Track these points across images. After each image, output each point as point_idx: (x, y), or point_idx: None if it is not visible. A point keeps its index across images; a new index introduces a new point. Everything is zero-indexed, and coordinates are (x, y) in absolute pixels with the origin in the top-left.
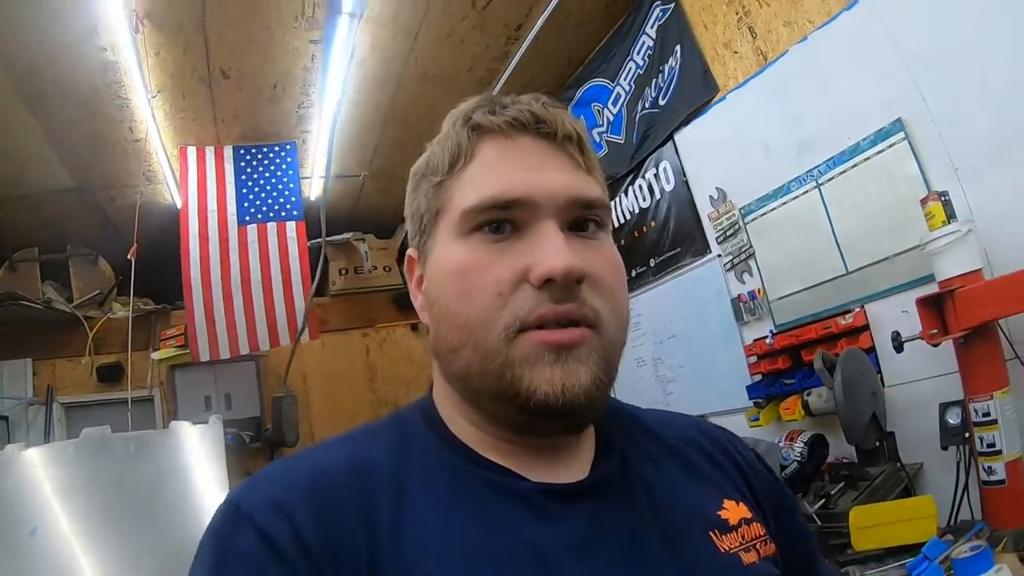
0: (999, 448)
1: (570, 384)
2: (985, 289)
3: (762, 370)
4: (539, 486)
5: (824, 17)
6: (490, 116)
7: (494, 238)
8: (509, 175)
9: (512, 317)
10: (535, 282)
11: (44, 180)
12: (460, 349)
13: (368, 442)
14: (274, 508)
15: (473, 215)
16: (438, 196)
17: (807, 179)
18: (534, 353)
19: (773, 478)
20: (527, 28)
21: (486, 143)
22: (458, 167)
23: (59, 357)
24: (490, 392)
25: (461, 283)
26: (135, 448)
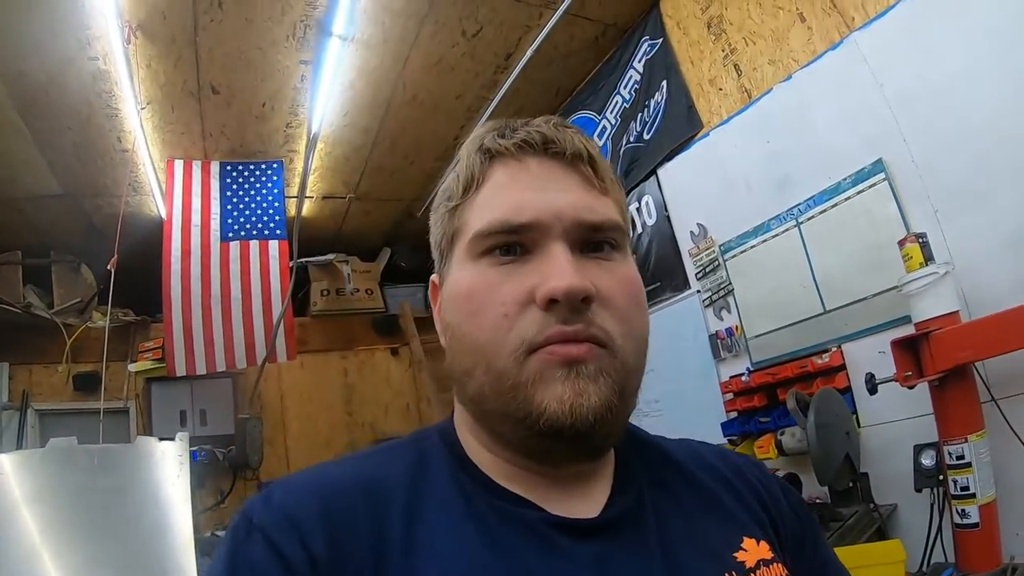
0: (973, 491)
1: (578, 403)
2: (961, 332)
3: (738, 407)
4: (549, 518)
5: (809, 56)
6: (500, 140)
7: (502, 260)
8: (518, 197)
9: (519, 339)
10: (539, 303)
11: (32, 185)
12: (472, 371)
13: (385, 461)
14: (286, 521)
15: (482, 239)
16: (453, 221)
17: (787, 217)
18: (544, 370)
19: (795, 512)
20: (516, 58)
21: (497, 167)
22: (471, 191)
23: (36, 363)
24: (502, 413)
25: (469, 305)
26: (99, 460)
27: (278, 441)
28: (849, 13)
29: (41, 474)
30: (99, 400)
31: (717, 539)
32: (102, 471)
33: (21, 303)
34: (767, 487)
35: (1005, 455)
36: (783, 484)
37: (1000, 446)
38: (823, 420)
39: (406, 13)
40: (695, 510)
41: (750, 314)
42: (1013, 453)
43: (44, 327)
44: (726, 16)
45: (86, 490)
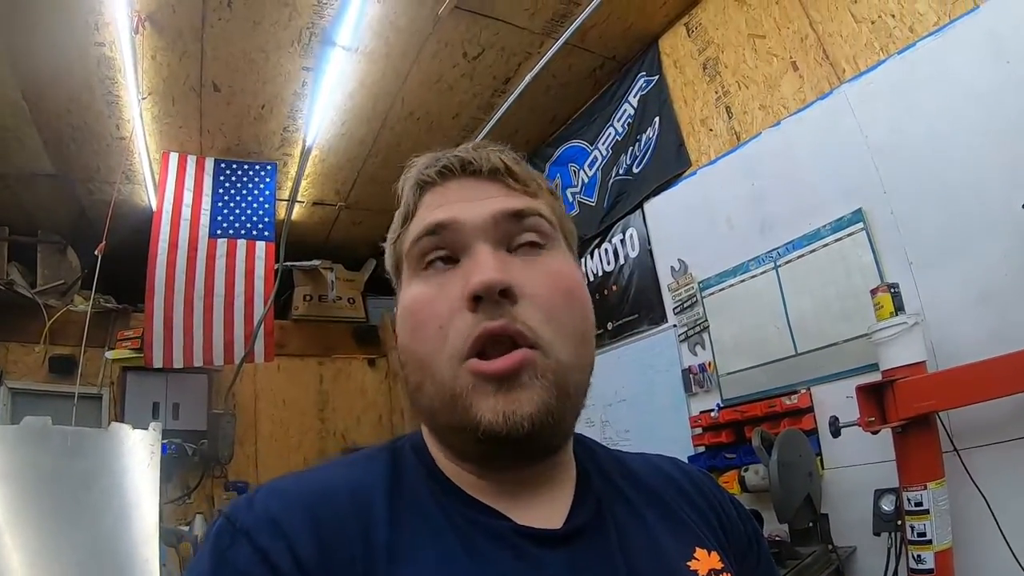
0: (929, 538)
1: (510, 412)
2: (925, 382)
3: (705, 442)
4: (517, 528)
5: (799, 104)
6: (425, 170)
7: (436, 272)
8: (439, 210)
9: (452, 348)
10: (465, 303)
11: (24, 162)
12: (421, 386)
13: (365, 468)
14: (272, 526)
15: (411, 251)
16: (396, 250)
17: (766, 259)
18: (474, 383)
19: (744, 527)
20: (514, 83)
21: (426, 195)
22: (408, 221)
23: (13, 341)
24: (449, 424)
25: (411, 322)
26: (72, 443)
27: (248, 441)
28: (840, 65)
29: (12, 452)
30: (74, 384)
31: (671, 549)
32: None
33: (4, 280)
34: (718, 498)
35: (964, 504)
36: (732, 497)
37: (960, 495)
38: (786, 459)
39: (410, 30)
40: (651, 520)
41: (724, 351)
42: (972, 503)
43: (25, 306)
44: (722, 59)
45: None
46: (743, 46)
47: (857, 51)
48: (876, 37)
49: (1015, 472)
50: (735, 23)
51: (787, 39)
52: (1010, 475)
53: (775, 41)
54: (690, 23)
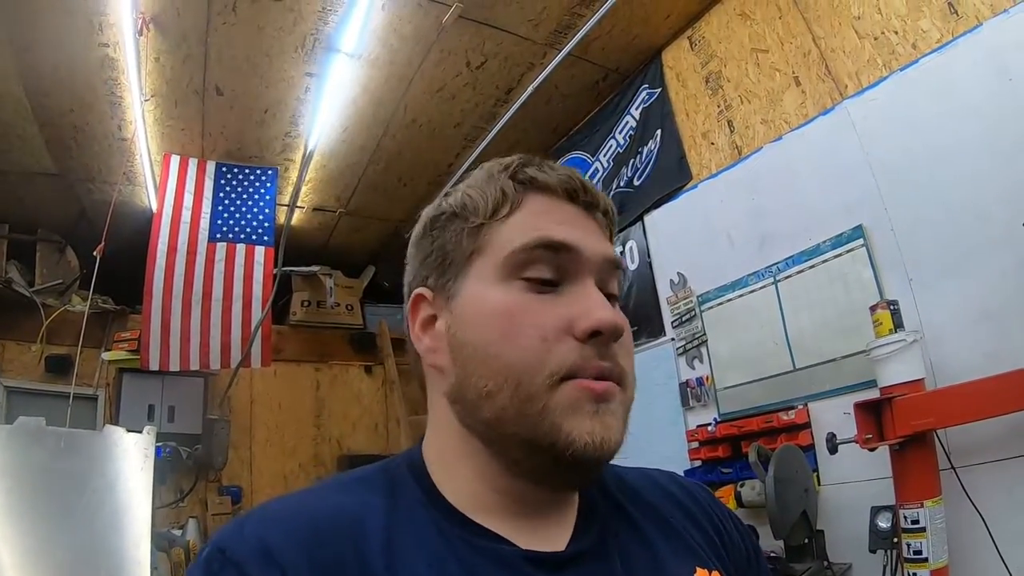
0: (925, 556)
1: (607, 437)
2: (923, 399)
3: (702, 456)
4: (522, 553)
5: (801, 119)
6: (538, 172)
7: (537, 288)
8: (557, 225)
9: (558, 365)
10: (581, 334)
11: (26, 160)
12: (495, 393)
13: (361, 491)
14: (264, 556)
15: (521, 254)
16: (475, 238)
17: (766, 274)
18: (575, 400)
19: (743, 542)
20: (517, 93)
21: (534, 196)
22: (502, 213)
23: (9, 339)
24: (523, 438)
25: (504, 325)
26: (66, 444)
27: (243, 446)
28: (843, 81)
29: (5, 451)
30: (70, 384)
31: (672, 569)
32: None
33: (2, 278)
34: (717, 513)
35: (961, 522)
36: (731, 512)
37: (957, 513)
38: (782, 475)
39: (415, 38)
40: (653, 540)
41: (721, 365)
42: (969, 521)
43: (22, 304)
44: (724, 73)
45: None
46: (746, 60)
47: (860, 67)
48: (879, 53)
49: (1012, 490)
50: (738, 37)
51: (790, 54)
52: (1007, 493)
53: (778, 56)
54: (693, 36)
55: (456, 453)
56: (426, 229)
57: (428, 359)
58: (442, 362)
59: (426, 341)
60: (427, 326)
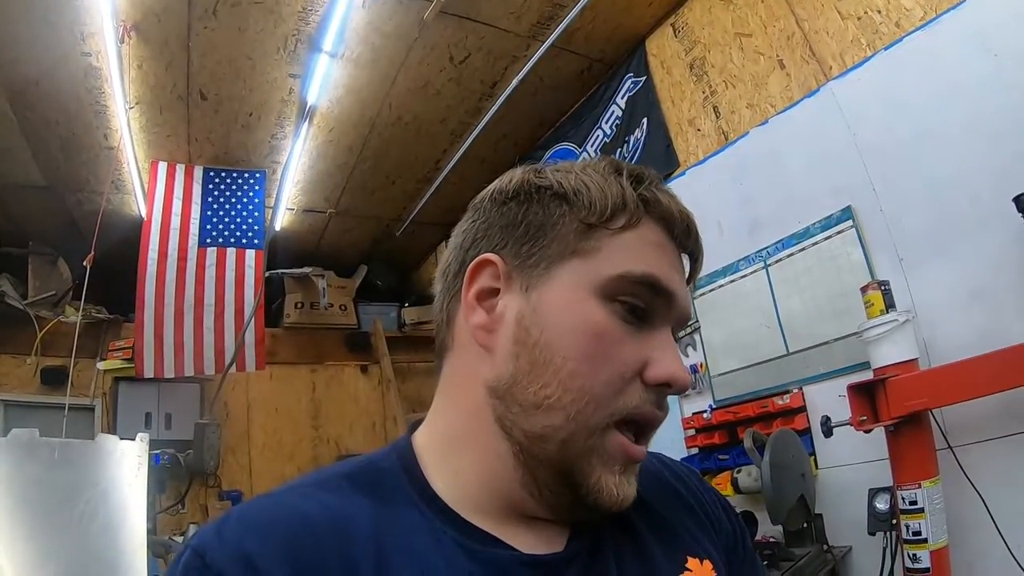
0: (925, 536)
1: (627, 496)
2: (917, 379)
3: (699, 444)
4: (520, 556)
5: (786, 102)
6: (664, 196)
7: (628, 318)
8: (666, 267)
9: (623, 406)
10: (652, 381)
11: (14, 173)
12: (556, 409)
13: (345, 490)
14: (244, 562)
15: (628, 283)
16: (582, 237)
17: (756, 259)
18: (612, 455)
19: (731, 523)
20: (502, 86)
21: (652, 222)
22: (617, 224)
23: (5, 353)
24: (557, 465)
25: (593, 347)
26: (60, 455)
27: (241, 450)
28: (827, 62)
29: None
30: (65, 395)
31: (664, 562)
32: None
33: None
34: (707, 496)
35: (959, 502)
36: (719, 494)
37: (955, 493)
38: (778, 460)
39: (396, 35)
40: (643, 532)
41: (715, 352)
42: (967, 500)
43: (16, 317)
44: (708, 59)
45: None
46: (729, 45)
47: (843, 48)
48: (862, 33)
49: (1010, 468)
50: (721, 22)
51: (773, 37)
52: (1005, 471)
53: (761, 40)
54: (676, 23)
55: (471, 445)
56: (519, 193)
57: (476, 335)
58: (493, 345)
59: (480, 314)
60: (485, 298)
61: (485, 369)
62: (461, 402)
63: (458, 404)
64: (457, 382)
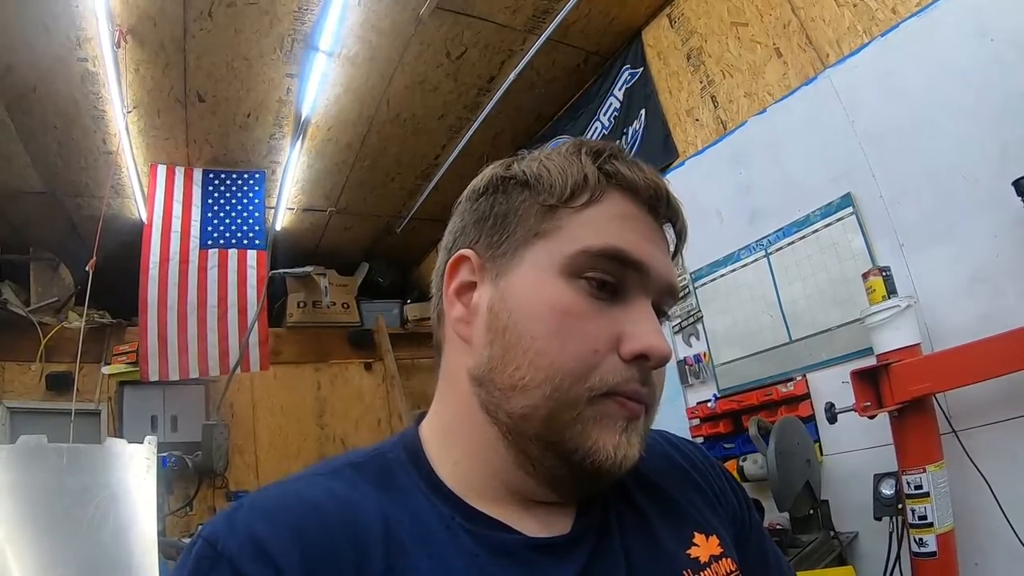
0: (931, 521)
1: (630, 454)
2: (920, 364)
3: (703, 433)
4: (527, 540)
5: (783, 91)
6: (630, 172)
7: (597, 294)
8: (634, 237)
9: (602, 381)
10: (628, 355)
11: (13, 180)
12: (531, 388)
13: (354, 478)
14: (257, 550)
15: (591, 258)
16: (544, 219)
17: (757, 248)
18: (611, 416)
19: (739, 503)
20: (499, 81)
21: (617, 195)
22: (579, 201)
23: (9, 360)
24: (547, 440)
25: (558, 324)
26: (68, 460)
27: (248, 450)
28: (824, 50)
29: (8, 470)
30: (71, 400)
31: (670, 539)
32: (69, 470)
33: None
34: (712, 472)
35: (964, 486)
36: (725, 470)
37: (960, 477)
38: (783, 448)
39: (393, 32)
40: (649, 510)
41: (718, 341)
42: (972, 484)
43: (19, 324)
44: (705, 48)
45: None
46: (726, 35)
47: (840, 35)
48: (859, 20)
49: (1014, 451)
50: (717, 12)
51: (769, 26)
52: (1010, 455)
53: (758, 28)
54: (672, 14)
55: (464, 434)
56: (488, 188)
57: (456, 328)
58: (471, 336)
59: (459, 308)
60: (463, 292)
61: (467, 360)
62: (453, 394)
63: (451, 396)
64: (448, 376)
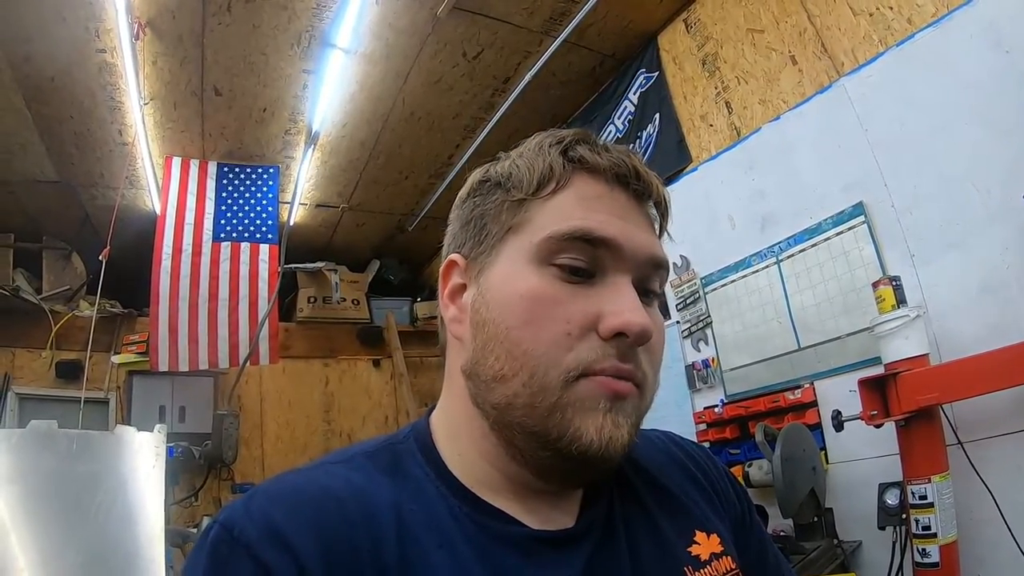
0: (934, 531)
1: (616, 436)
2: (928, 374)
3: (710, 438)
4: (532, 533)
5: (798, 98)
6: (591, 153)
7: (569, 279)
8: (602, 216)
9: (576, 362)
10: (605, 333)
11: (28, 169)
12: (509, 378)
13: (368, 468)
14: (274, 537)
15: (557, 242)
16: (514, 213)
17: (768, 254)
18: (592, 397)
19: (740, 503)
20: (514, 82)
21: (583, 178)
22: (546, 191)
23: (20, 347)
24: (530, 429)
25: (529, 311)
26: (78, 446)
27: (255, 443)
28: (839, 58)
29: (18, 455)
30: (80, 388)
31: (673, 536)
32: (79, 456)
33: (9, 286)
34: (714, 472)
35: (969, 497)
36: (727, 470)
37: (965, 488)
38: (789, 454)
39: (409, 31)
40: (652, 506)
41: (727, 347)
42: (977, 495)
43: (31, 312)
44: (721, 54)
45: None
46: (742, 41)
47: (856, 44)
48: (874, 29)
49: (1020, 464)
50: (733, 18)
51: (785, 33)
52: (1015, 467)
53: (773, 35)
54: (688, 19)
55: (464, 428)
56: (470, 193)
57: (451, 328)
58: (463, 334)
59: (452, 310)
60: (455, 295)
61: (461, 357)
62: (452, 390)
63: (451, 393)
64: (449, 373)
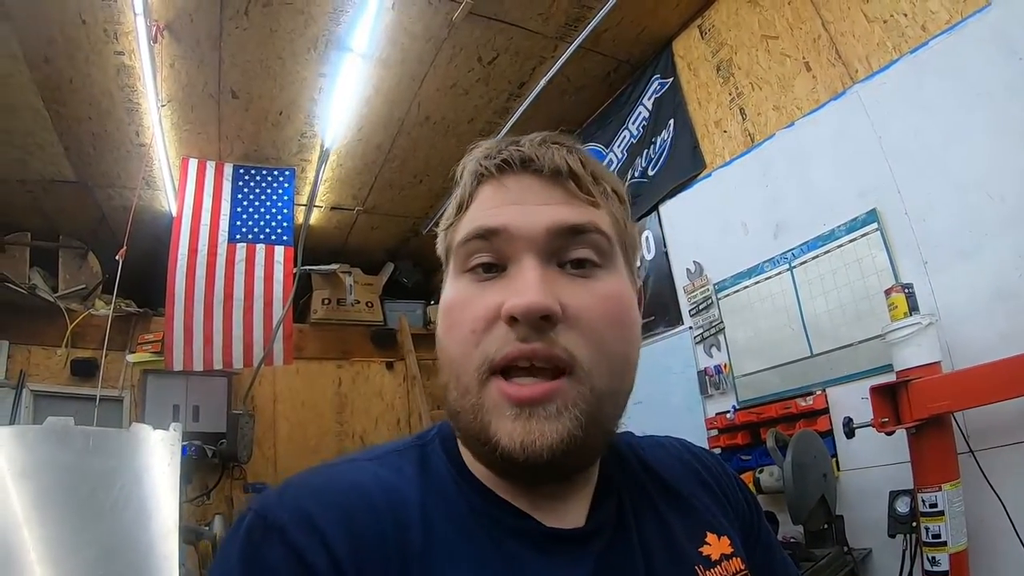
0: (944, 539)
1: (529, 441)
2: (939, 382)
3: (721, 444)
4: (544, 530)
5: (812, 105)
6: (483, 161)
7: (481, 277)
8: (493, 209)
9: (482, 357)
10: (503, 319)
11: (46, 168)
12: (448, 387)
13: (396, 464)
14: (306, 523)
15: (461, 247)
16: (448, 238)
17: (781, 261)
18: (497, 403)
19: (749, 510)
20: (529, 87)
21: (484, 186)
22: (462, 211)
23: (35, 344)
24: (467, 433)
25: (448, 318)
26: (94, 442)
27: (267, 443)
28: (853, 65)
29: (34, 450)
30: (95, 386)
31: (684, 536)
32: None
33: (26, 284)
34: (724, 478)
35: (979, 506)
36: (737, 477)
37: (975, 497)
38: (800, 460)
39: (425, 36)
40: (664, 508)
41: (739, 353)
42: (987, 504)
43: (47, 310)
44: (735, 60)
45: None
46: (756, 47)
47: (870, 51)
48: (888, 36)
49: None
50: (748, 24)
51: (800, 40)
52: None
53: (788, 42)
54: (703, 25)
55: None
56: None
57: None
58: None
59: None
60: None
61: None
62: None
63: None
64: None
